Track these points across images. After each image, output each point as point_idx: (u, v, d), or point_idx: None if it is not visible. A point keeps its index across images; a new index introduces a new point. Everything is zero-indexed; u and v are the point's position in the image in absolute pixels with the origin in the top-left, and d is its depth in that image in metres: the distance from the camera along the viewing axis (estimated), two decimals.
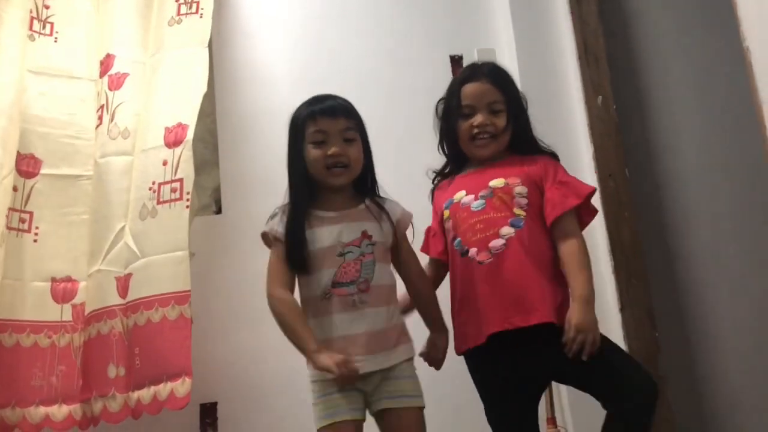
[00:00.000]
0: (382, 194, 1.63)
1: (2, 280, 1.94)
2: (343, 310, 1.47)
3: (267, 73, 2.42)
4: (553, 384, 1.98)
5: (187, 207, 1.94)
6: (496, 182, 1.60)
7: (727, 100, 2.47)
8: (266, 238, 1.56)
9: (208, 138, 2.22)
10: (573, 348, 1.44)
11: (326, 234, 1.50)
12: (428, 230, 1.76)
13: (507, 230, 1.55)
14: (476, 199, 1.60)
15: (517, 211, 1.56)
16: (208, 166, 2.28)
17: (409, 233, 1.62)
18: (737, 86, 1.67)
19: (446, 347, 1.61)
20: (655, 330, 2.21)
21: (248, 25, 2.46)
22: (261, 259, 2.19)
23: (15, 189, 2.02)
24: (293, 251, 1.49)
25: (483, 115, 1.63)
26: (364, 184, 1.59)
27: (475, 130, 1.64)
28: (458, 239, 1.61)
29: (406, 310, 1.63)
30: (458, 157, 1.72)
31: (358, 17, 2.52)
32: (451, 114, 1.69)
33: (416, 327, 1.62)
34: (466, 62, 2.48)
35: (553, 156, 1.69)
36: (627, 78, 2.54)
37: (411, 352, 1.54)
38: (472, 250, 1.57)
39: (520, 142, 1.67)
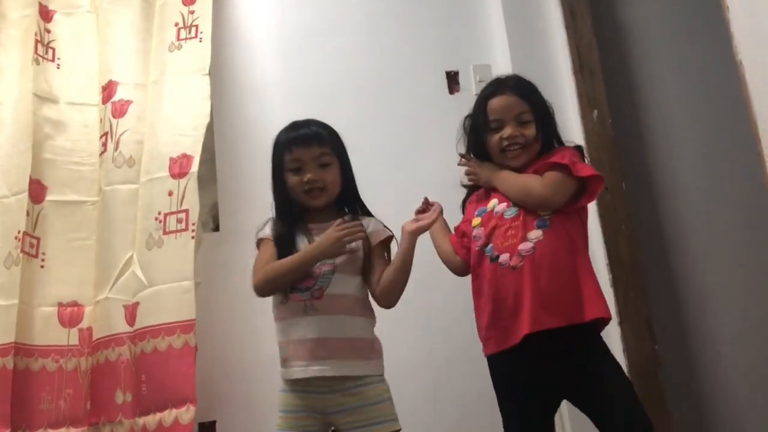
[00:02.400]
0: (372, 211, 1.70)
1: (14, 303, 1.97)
2: (297, 315, 1.56)
3: (265, 88, 2.43)
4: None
5: (193, 238, 1.99)
6: None
7: (723, 111, 2.48)
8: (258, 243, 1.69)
9: (205, 154, 2.22)
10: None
11: (297, 244, 1.61)
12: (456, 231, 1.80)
13: (535, 234, 1.58)
14: (509, 206, 1.63)
15: (542, 211, 1.60)
16: (205, 183, 2.27)
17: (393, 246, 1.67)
18: (732, 97, 1.68)
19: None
20: (655, 343, 2.21)
21: (246, 41, 2.48)
22: None
23: (28, 213, 2.05)
24: (282, 252, 1.60)
25: (512, 127, 1.66)
26: (347, 202, 1.67)
27: (505, 143, 1.67)
28: (490, 245, 1.64)
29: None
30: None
31: (354, 34, 2.54)
32: (479, 129, 1.72)
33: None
34: (462, 78, 2.50)
35: (578, 149, 1.72)
36: (623, 91, 2.55)
37: (375, 369, 1.57)
38: (504, 256, 1.60)
39: (550, 150, 1.70)
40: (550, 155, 1.65)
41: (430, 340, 2.24)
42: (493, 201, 1.68)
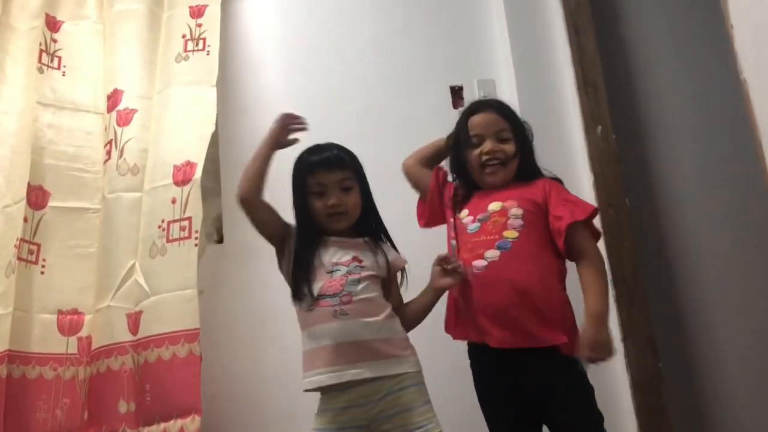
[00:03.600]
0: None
1: (8, 311, 1.96)
2: (326, 321, 1.54)
3: (270, 101, 2.44)
4: None
5: (196, 245, 1.98)
6: (494, 206, 1.65)
7: (726, 127, 2.48)
8: None
9: (210, 166, 2.22)
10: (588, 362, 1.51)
11: (320, 256, 1.61)
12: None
13: (492, 253, 1.59)
14: (474, 221, 1.65)
15: (507, 233, 1.60)
16: (209, 195, 2.27)
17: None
18: (736, 114, 1.68)
19: None
20: (658, 359, 2.20)
21: (252, 55, 2.49)
22: (262, 288, 2.21)
23: (26, 219, 2.05)
24: (297, 290, 1.60)
25: (491, 143, 1.68)
26: (366, 225, 1.68)
27: (485, 157, 1.68)
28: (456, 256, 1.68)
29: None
30: (469, 187, 1.75)
31: (359, 48, 2.55)
32: (460, 145, 1.73)
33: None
34: (466, 93, 2.51)
35: (557, 181, 1.72)
36: (626, 107, 2.56)
37: (409, 367, 1.57)
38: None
39: (525, 171, 1.71)
40: (535, 185, 1.67)
41: (431, 349, 2.22)
42: (464, 212, 1.69)
